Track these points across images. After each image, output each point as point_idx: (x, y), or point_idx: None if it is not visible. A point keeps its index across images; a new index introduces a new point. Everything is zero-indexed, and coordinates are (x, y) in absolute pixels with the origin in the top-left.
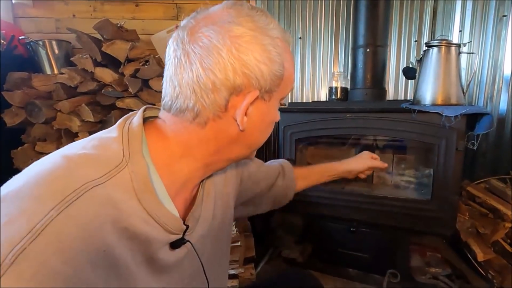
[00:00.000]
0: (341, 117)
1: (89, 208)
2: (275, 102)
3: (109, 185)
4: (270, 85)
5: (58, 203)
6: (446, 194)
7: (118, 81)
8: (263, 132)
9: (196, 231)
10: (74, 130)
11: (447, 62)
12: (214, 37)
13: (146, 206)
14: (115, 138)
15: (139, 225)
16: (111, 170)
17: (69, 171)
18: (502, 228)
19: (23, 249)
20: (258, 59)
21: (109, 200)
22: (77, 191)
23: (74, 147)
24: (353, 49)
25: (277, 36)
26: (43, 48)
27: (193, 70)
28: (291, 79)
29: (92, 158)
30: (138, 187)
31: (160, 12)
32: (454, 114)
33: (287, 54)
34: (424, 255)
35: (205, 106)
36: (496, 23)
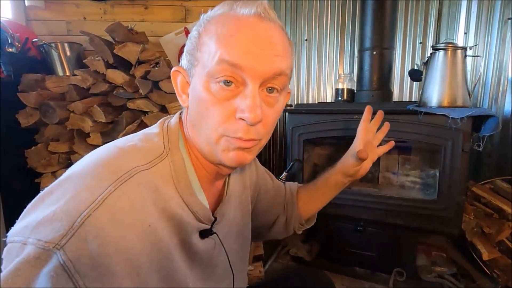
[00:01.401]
0: (348, 119)
1: (137, 187)
2: (198, 79)
3: (152, 172)
4: (188, 60)
5: (114, 180)
6: (452, 194)
7: (129, 82)
8: (198, 113)
9: (222, 226)
10: (87, 130)
11: (453, 65)
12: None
13: (181, 193)
14: (157, 133)
15: (175, 209)
16: (155, 159)
17: (122, 157)
18: (507, 228)
19: (89, 215)
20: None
21: (152, 183)
22: (129, 172)
23: (124, 140)
24: (360, 51)
25: (218, 13)
26: (55, 50)
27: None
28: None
29: (139, 149)
30: (176, 175)
31: (168, 15)
32: (460, 116)
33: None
34: (429, 255)
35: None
36: (501, 26)
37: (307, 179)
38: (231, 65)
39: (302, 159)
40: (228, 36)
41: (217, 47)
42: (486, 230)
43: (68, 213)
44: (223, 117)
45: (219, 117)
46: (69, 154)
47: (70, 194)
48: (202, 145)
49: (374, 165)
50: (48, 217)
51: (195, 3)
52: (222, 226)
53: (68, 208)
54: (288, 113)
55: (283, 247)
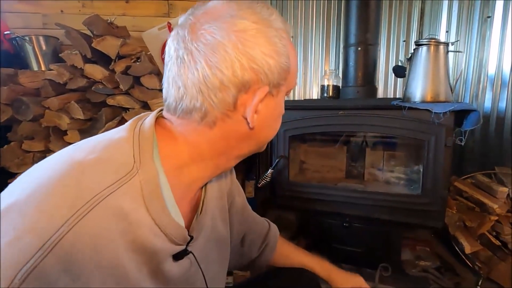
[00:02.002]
0: (334, 114)
1: (101, 221)
2: (282, 96)
3: (119, 194)
4: (278, 79)
5: (69, 217)
6: (436, 189)
7: (108, 78)
8: (272, 127)
9: (198, 240)
10: (63, 128)
11: (436, 60)
12: (218, 33)
13: (153, 214)
14: (126, 140)
15: (146, 236)
16: (122, 177)
17: (80, 179)
18: (488, 221)
19: (34, 267)
20: (265, 53)
21: (119, 211)
22: (90, 203)
23: (83, 148)
24: (345, 47)
25: (280, 27)
26: (29, 44)
27: (198, 69)
28: (296, 70)
29: (102, 163)
30: (147, 194)
31: (151, 9)
32: (443, 110)
33: (290, 45)
34: (414, 249)
35: (213, 105)
36: (481, 24)
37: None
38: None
39: (288, 156)
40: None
41: (297, 70)
42: (468, 224)
43: (7, 267)
44: None
45: None
46: (45, 152)
47: (8, 237)
48: (254, 150)
49: (360, 161)
50: None
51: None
52: (199, 241)
53: (6, 259)
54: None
55: None
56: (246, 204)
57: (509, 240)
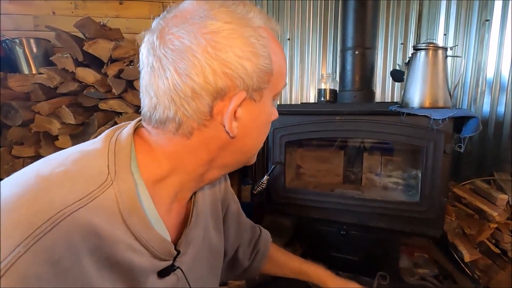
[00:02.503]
0: (331, 120)
1: (66, 239)
2: (267, 100)
3: (90, 209)
4: (257, 82)
5: (27, 236)
6: (434, 197)
7: (101, 81)
8: (258, 134)
9: (187, 255)
10: (54, 133)
11: (434, 65)
12: (186, 37)
13: (133, 229)
14: (100, 151)
15: (123, 254)
16: (94, 190)
17: (43, 194)
18: (487, 228)
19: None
20: (239, 55)
21: (89, 227)
22: (52, 219)
23: (51, 162)
24: (342, 51)
25: (259, 25)
26: (20, 47)
27: (168, 77)
28: (282, 72)
29: (71, 177)
30: (125, 208)
31: (145, 11)
32: (442, 117)
33: (274, 44)
34: (412, 256)
35: (187, 115)
36: (479, 27)
37: (289, 181)
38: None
39: (284, 162)
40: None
41: (285, 71)
42: (467, 231)
43: None
44: None
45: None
46: (35, 158)
47: None
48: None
49: (357, 166)
50: None
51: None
52: (188, 255)
53: None
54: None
55: None
56: (241, 212)
57: (509, 248)
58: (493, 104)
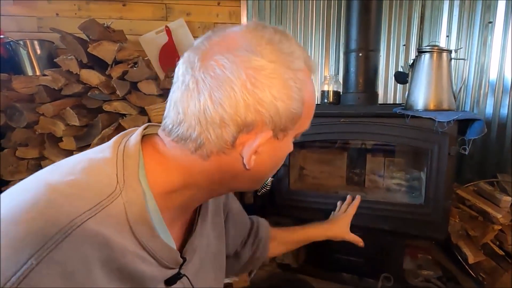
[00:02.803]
0: (335, 122)
1: (77, 250)
2: (289, 139)
3: (100, 219)
4: (285, 123)
5: (39, 248)
6: (438, 199)
7: (105, 83)
8: (273, 167)
9: (192, 262)
10: (58, 134)
11: (439, 68)
12: (228, 68)
13: (141, 239)
14: (108, 160)
15: (133, 264)
16: (103, 200)
17: (54, 205)
18: (491, 230)
19: None
20: (275, 96)
21: (99, 237)
22: (63, 230)
23: (59, 170)
24: (346, 53)
25: (299, 67)
26: (24, 48)
27: (200, 100)
28: (309, 114)
29: (80, 186)
30: (133, 218)
31: (148, 12)
32: (447, 119)
33: (308, 85)
34: (416, 257)
35: (209, 139)
36: (482, 29)
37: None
38: None
39: (288, 164)
40: (315, 97)
41: (313, 112)
42: (471, 233)
43: None
44: None
45: None
46: (39, 160)
47: None
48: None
49: (361, 168)
50: None
51: (176, 1)
52: (193, 263)
53: None
54: None
55: None
56: (241, 209)
57: None
58: (496, 106)
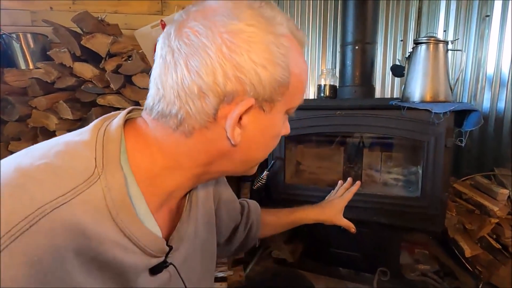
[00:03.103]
0: (331, 115)
1: (45, 239)
2: (279, 114)
3: (74, 205)
4: (270, 93)
5: (1, 236)
6: (435, 191)
7: (99, 77)
8: (264, 147)
9: (180, 250)
10: (51, 128)
11: (435, 59)
12: (203, 33)
13: (122, 226)
14: (87, 143)
15: (112, 252)
16: (79, 185)
17: (21, 190)
18: (488, 224)
19: None
20: (255, 61)
21: (73, 225)
22: (30, 217)
23: (32, 153)
24: (342, 46)
25: (283, 33)
26: (17, 42)
27: (177, 71)
28: (300, 86)
29: (53, 170)
30: (113, 204)
31: (144, 7)
32: (443, 110)
33: (296, 55)
34: (412, 252)
35: (190, 113)
36: (479, 23)
37: (289, 178)
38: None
39: (284, 157)
40: (305, 72)
41: (304, 87)
42: (468, 227)
43: None
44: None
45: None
46: None
47: None
48: (238, 170)
49: (357, 162)
50: None
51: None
52: (180, 251)
53: None
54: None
55: (265, 249)
56: (233, 195)
57: (510, 243)
58: (493, 100)
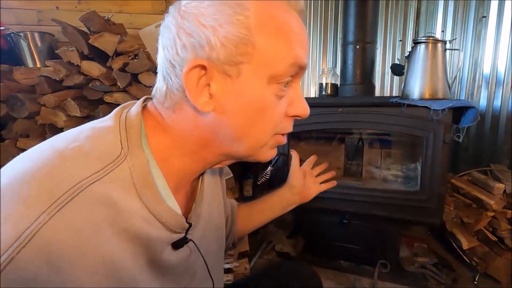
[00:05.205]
0: (333, 112)
1: (85, 210)
2: (253, 79)
3: (106, 182)
4: (225, 54)
5: (49, 205)
6: (433, 185)
7: (106, 75)
8: (248, 120)
9: (197, 228)
10: (60, 125)
11: (434, 58)
12: (171, 13)
13: (147, 203)
14: (111, 128)
15: (140, 225)
16: (108, 164)
17: (61, 168)
18: (485, 217)
19: (10, 259)
20: (204, 24)
21: (106, 199)
22: (71, 190)
23: (64, 138)
24: (343, 45)
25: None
26: (24, 40)
27: (160, 51)
28: (276, 49)
29: (87, 152)
30: (139, 182)
31: (148, 6)
32: (442, 107)
33: (265, 17)
34: (411, 246)
35: (170, 88)
36: (476, 24)
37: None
38: (301, 67)
39: (287, 153)
40: (295, 34)
41: (290, 48)
42: (465, 220)
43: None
44: (281, 117)
45: (278, 118)
46: None
47: None
48: (239, 150)
49: (358, 159)
50: None
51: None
52: (198, 229)
53: None
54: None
55: (268, 243)
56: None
57: (506, 236)
58: (489, 98)
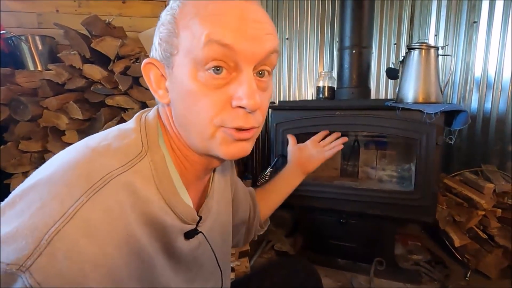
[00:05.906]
0: (330, 115)
1: (114, 194)
2: (181, 68)
3: (131, 173)
4: (162, 50)
5: (87, 189)
6: (427, 185)
7: (107, 78)
8: (184, 107)
9: (207, 222)
10: (62, 128)
11: (427, 63)
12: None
13: (164, 194)
14: (134, 129)
15: (157, 212)
16: (133, 159)
17: (95, 161)
18: (475, 216)
19: (58, 231)
20: (157, 31)
21: (130, 185)
22: (104, 178)
23: (96, 138)
24: (340, 50)
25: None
26: (26, 44)
27: None
28: (191, 29)
29: (115, 149)
30: (157, 175)
31: (148, 9)
32: (434, 111)
33: (194, 6)
34: (406, 244)
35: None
36: (468, 29)
37: None
38: (222, 46)
39: (286, 155)
40: (214, 15)
41: (203, 27)
42: (457, 219)
43: (34, 229)
44: (218, 107)
45: (213, 107)
46: (42, 153)
47: (35, 206)
48: (194, 142)
49: (354, 160)
50: (10, 234)
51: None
52: (207, 223)
53: (33, 223)
54: (272, 110)
55: (267, 242)
56: (244, 186)
57: (496, 233)
58: (480, 101)
